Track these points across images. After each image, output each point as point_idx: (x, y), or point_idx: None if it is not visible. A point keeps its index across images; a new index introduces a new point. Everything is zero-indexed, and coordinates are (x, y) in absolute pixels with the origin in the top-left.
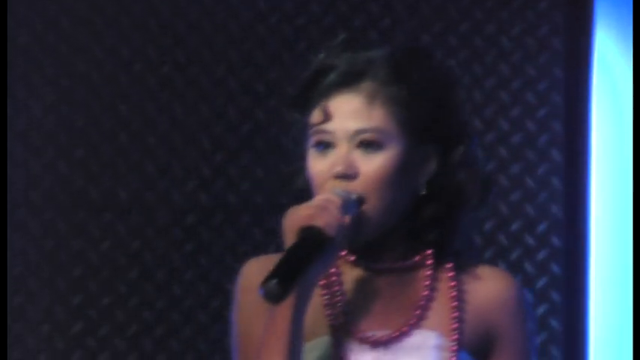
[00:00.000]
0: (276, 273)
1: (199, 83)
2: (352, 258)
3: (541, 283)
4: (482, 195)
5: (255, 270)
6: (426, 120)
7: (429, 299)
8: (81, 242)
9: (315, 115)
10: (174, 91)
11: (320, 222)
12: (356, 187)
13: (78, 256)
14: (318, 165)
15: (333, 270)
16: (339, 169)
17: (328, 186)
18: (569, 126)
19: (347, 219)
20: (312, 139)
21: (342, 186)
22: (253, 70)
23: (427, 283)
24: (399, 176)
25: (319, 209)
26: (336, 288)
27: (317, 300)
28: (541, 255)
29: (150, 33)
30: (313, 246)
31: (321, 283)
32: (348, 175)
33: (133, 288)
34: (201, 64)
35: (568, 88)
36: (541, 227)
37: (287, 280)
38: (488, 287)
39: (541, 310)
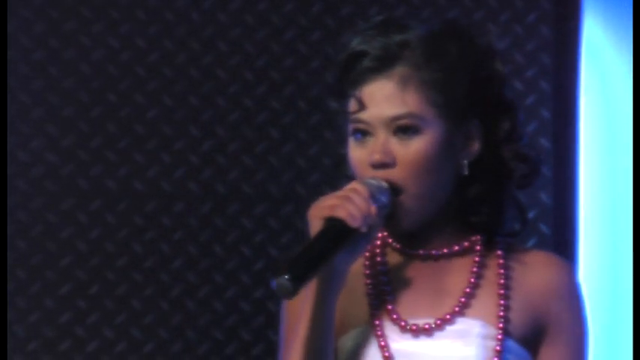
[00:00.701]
0: (290, 266)
1: (188, 72)
2: (398, 245)
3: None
4: (529, 172)
5: None
6: (464, 99)
7: (476, 286)
8: (70, 231)
9: (352, 104)
10: (164, 79)
11: (342, 213)
12: (394, 174)
13: (67, 244)
14: (357, 153)
15: (378, 259)
16: (375, 157)
17: (368, 174)
18: (557, 114)
19: (374, 209)
20: (350, 128)
21: (380, 174)
22: (243, 59)
23: (474, 269)
24: (440, 160)
25: (343, 199)
26: (381, 277)
27: (361, 288)
28: (530, 243)
29: (138, 23)
30: (335, 237)
31: (367, 272)
32: (385, 164)
33: (121, 276)
34: (192, 52)
35: (556, 76)
36: (530, 215)
37: (300, 275)
38: (539, 274)
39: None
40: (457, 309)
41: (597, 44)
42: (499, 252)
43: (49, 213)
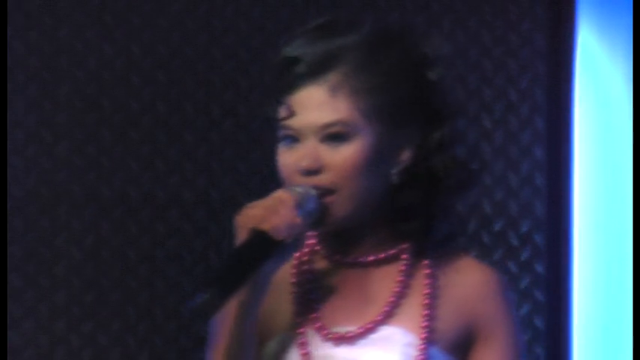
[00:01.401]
0: (216, 280)
1: (184, 80)
2: (326, 253)
3: (524, 282)
4: (463, 182)
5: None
6: (396, 107)
7: (401, 295)
8: (64, 238)
9: (282, 110)
10: (158, 87)
11: (267, 225)
12: (323, 180)
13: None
14: (285, 159)
15: (305, 267)
16: (303, 164)
17: (296, 180)
18: (551, 123)
19: (299, 220)
20: (281, 135)
21: (308, 181)
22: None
23: (400, 278)
24: (369, 167)
25: (269, 210)
26: (307, 285)
27: (287, 296)
28: (524, 254)
29: (133, 30)
30: (260, 249)
31: (293, 280)
32: (313, 170)
33: (116, 284)
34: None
35: (550, 85)
36: (524, 226)
37: (225, 289)
38: (467, 281)
39: (525, 309)
40: (380, 317)
41: (592, 53)
42: (426, 261)
43: (45, 219)
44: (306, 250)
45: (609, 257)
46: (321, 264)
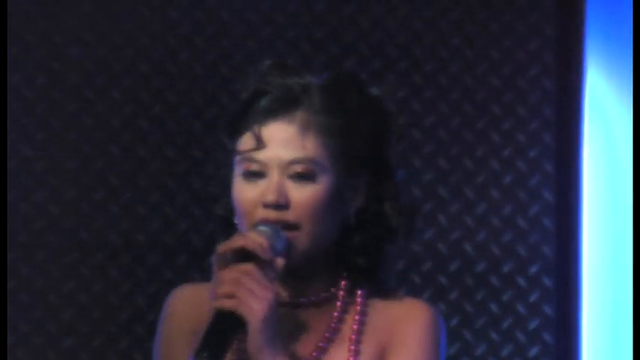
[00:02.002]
0: (206, 344)
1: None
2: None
3: (533, 324)
4: (408, 228)
5: (182, 298)
6: (358, 151)
7: (335, 331)
8: (72, 283)
9: (246, 142)
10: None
11: (241, 308)
12: (288, 216)
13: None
14: (246, 192)
15: None
16: (270, 198)
17: (258, 214)
18: (560, 166)
19: (270, 289)
20: (242, 166)
21: (272, 215)
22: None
23: (336, 314)
24: (331, 206)
25: (234, 286)
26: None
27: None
28: (533, 297)
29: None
30: (230, 327)
31: None
32: (280, 205)
33: (124, 330)
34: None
35: (559, 128)
36: (533, 268)
37: (217, 351)
38: (394, 314)
39: (534, 351)
40: (315, 354)
41: (600, 97)
42: (359, 299)
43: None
44: None
45: (617, 300)
46: None
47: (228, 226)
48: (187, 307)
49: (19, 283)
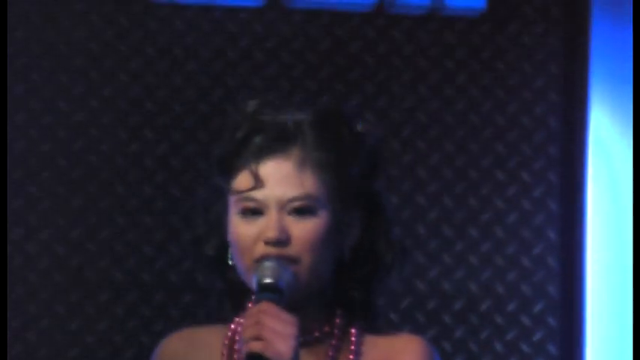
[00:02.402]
0: None
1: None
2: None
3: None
4: (399, 261)
5: (177, 343)
6: (351, 186)
7: None
8: (78, 324)
9: (242, 181)
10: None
11: (271, 351)
12: (289, 251)
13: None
14: (245, 230)
15: (236, 347)
16: (271, 234)
17: (258, 250)
18: (564, 204)
19: (291, 325)
20: (239, 205)
21: (274, 251)
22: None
23: (330, 354)
24: (329, 241)
25: (267, 332)
26: None
27: None
28: (538, 307)
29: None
30: None
31: (224, 355)
32: (281, 241)
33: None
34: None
35: (563, 167)
36: (537, 307)
37: None
38: (388, 349)
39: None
40: None
41: (605, 134)
42: (353, 338)
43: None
44: (238, 328)
45: (621, 341)
46: None
47: (218, 265)
48: (176, 357)
49: (25, 321)
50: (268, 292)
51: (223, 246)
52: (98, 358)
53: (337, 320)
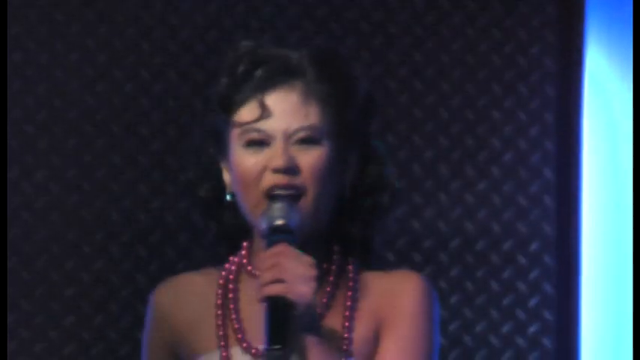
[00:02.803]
0: (274, 337)
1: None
2: (255, 272)
3: (533, 301)
4: (393, 201)
5: (169, 292)
6: (351, 120)
7: (327, 307)
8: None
9: (247, 113)
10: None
11: (293, 293)
12: (296, 180)
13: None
14: (250, 161)
15: (231, 286)
16: (280, 162)
17: (266, 180)
18: (560, 145)
19: (311, 266)
20: (244, 137)
21: (283, 180)
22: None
23: (328, 289)
24: (333, 172)
25: (290, 274)
26: (231, 306)
27: (210, 315)
28: (533, 274)
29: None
30: (290, 309)
31: (218, 301)
32: (288, 169)
33: (125, 307)
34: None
35: (559, 107)
36: (533, 246)
37: (285, 340)
38: (387, 287)
39: (533, 329)
40: None
41: (600, 75)
42: (350, 274)
43: (54, 245)
44: (233, 268)
45: (617, 278)
46: (247, 283)
47: (213, 207)
48: (169, 305)
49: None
50: (281, 233)
51: (218, 187)
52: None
53: (335, 257)
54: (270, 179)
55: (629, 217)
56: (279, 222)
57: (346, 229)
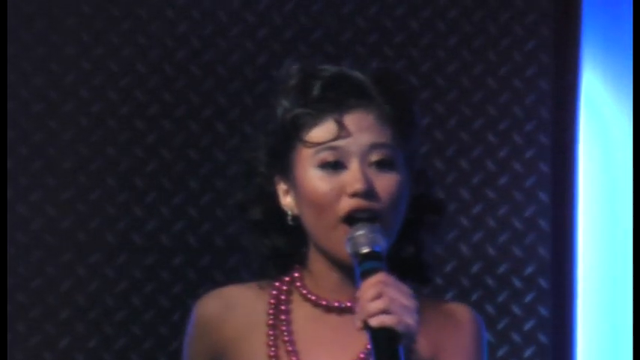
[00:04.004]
0: None
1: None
2: (310, 295)
3: (528, 325)
4: (439, 222)
5: (211, 304)
6: (414, 144)
7: None
8: (69, 283)
9: (323, 132)
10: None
11: (402, 325)
12: (375, 206)
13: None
14: (324, 184)
15: (283, 307)
16: (360, 186)
17: (344, 205)
18: (556, 167)
19: (417, 305)
20: (317, 158)
21: (363, 204)
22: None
23: None
24: (405, 199)
25: (396, 306)
26: (283, 328)
27: (262, 338)
28: (529, 269)
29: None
30: (389, 346)
31: (269, 322)
32: (368, 193)
33: (119, 329)
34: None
35: (555, 129)
36: (528, 269)
37: None
38: (440, 321)
39: (529, 352)
40: None
41: (596, 97)
42: None
43: (49, 266)
44: (285, 288)
45: (612, 300)
46: (299, 305)
47: (265, 229)
48: (211, 318)
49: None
50: (373, 260)
51: (272, 210)
52: (88, 320)
53: None
54: (349, 203)
55: (627, 212)
56: (367, 249)
57: (401, 255)
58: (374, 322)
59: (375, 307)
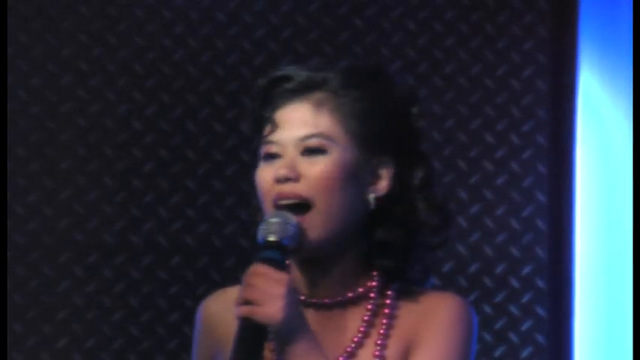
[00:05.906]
0: (235, 357)
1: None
2: (301, 297)
3: (526, 325)
4: (441, 225)
5: (213, 305)
6: (376, 133)
7: (365, 335)
8: (66, 285)
9: (269, 127)
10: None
11: (259, 314)
12: (299, 188)
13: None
14: (263, 173)
15: None
16: (281, 172)
17: (272, 193)
18: (553, 168)
19: (285, 289)
20: (262, 151)
21: (285, 188)
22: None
23: (366, 318)
24: (345, 183)
25: (256, 294)
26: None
27: None
28: (526, 269)
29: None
30: (254, 336)
31: None
32: (289, 178)
33: (118, 330)
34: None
35: (552, 130)
36: (526, 269)
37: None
38: (421, 310)
39: (526, 352)
40: (341, 359)
41: (594, 97)
42: (388, 301)
43: (47, 267)
44: None
45: (610, 300)
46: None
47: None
48: (212, 318)
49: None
50: (270, 249)
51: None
52: (86, 321)
53: (375, 283)
54: (275, 189)
55: (624, 212)
56: (270, 238)
57: (379, 253)
58: (236, 312)
59: (238, 297)
